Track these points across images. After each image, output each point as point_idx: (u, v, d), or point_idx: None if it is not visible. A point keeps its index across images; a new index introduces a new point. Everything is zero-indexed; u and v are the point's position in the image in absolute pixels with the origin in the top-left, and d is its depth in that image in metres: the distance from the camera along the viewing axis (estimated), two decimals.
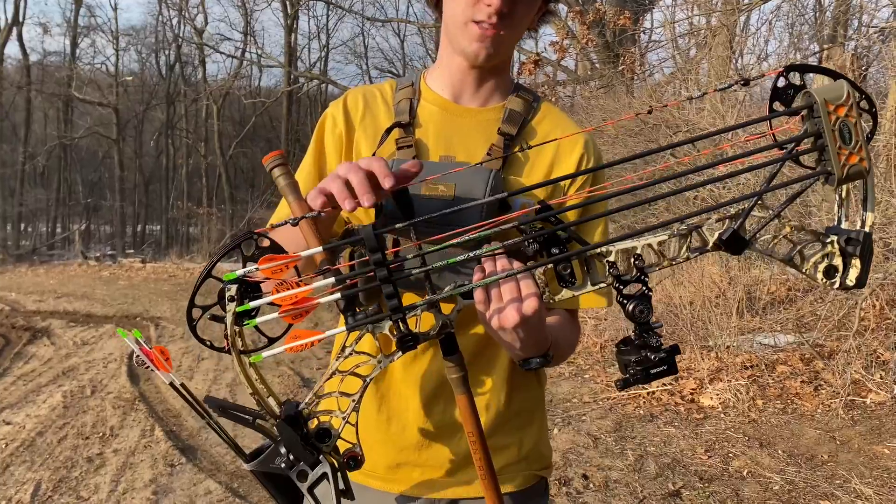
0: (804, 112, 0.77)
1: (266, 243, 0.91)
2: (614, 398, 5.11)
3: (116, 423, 4.79)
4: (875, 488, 3.52)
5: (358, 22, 30.30)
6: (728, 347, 5.44)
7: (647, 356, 0.83)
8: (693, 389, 5.02)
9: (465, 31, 1.19)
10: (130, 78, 31.01)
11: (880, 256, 5.28)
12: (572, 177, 1.28)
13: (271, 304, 0.85)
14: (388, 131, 1.25)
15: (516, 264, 0.93)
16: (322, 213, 0.95)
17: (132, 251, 25.14)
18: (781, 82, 0.78)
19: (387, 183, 0.95)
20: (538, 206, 0.88)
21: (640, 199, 0.86)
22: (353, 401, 0.90)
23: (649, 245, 0.82)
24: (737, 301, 5.74)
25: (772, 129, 0.80)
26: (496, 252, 0.93)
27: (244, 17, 27.69)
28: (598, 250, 0.84)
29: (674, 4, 11.24)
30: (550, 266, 0.86)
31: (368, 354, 0.92)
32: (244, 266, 0.89)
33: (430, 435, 1.24)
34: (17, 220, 28.76)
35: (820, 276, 0.79)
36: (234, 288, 0.88)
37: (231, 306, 0.88)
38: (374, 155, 1.23)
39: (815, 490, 3.57)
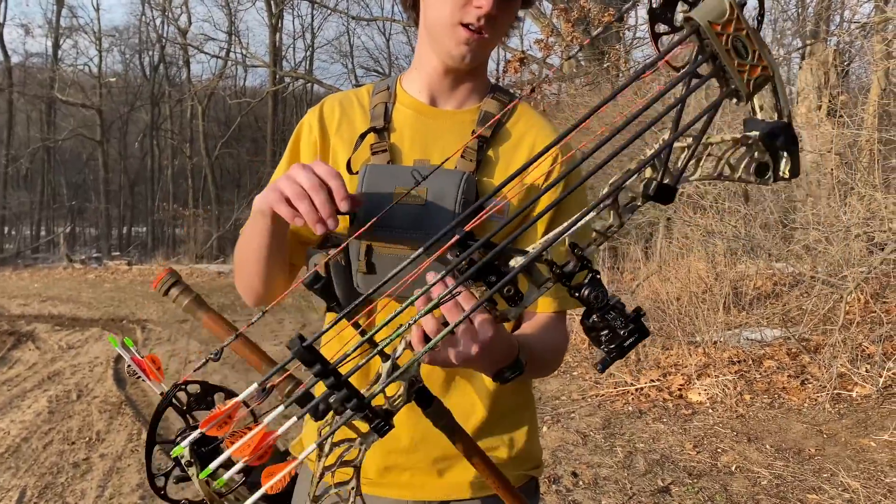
0: (692, 39, 0.73)
1: (196, 388, 0.93)
2: (603, 395, 5.13)
3: (103, 428, 4.75)
4: (862, 481, 3.54)
5: (343, 21, 30.19)
6: (715, 343, 5.46)
7: (616, 332, 0.82)
8: (681, 385, 5.03)
9: (453, 33, 1.18)
10: (114, 79, 30.79)
11: (865, 250, 5.32)
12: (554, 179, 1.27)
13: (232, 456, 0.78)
14: (363, 136, 1.24)
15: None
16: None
17: (118, 253, 24.98)
18: (656, 2, 0.75)
19: (343, 206, 0.99)
20: (460, 235, 0.79)
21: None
22: (353, 489, 0.82)
23: (595, 231, 0.78)
24: (723, 296, 5.77)
25: (665, 59, 0.76)
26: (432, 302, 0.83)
27: (228, 16, 27.58)
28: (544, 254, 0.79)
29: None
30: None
31: (348, 440, 0.83)
32: (185, 418, 0.93)
33: (418, 437, 1.23)
34: (1, 224, 28.50)
35: (753, 177, 0.77)
36: (186, 453, 0.86)
37: (193, 471, 0.86)
38: (349, 161, 1.23)
39: (803, 484, 3.59)
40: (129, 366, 1.63)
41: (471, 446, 1.00)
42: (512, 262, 0.74)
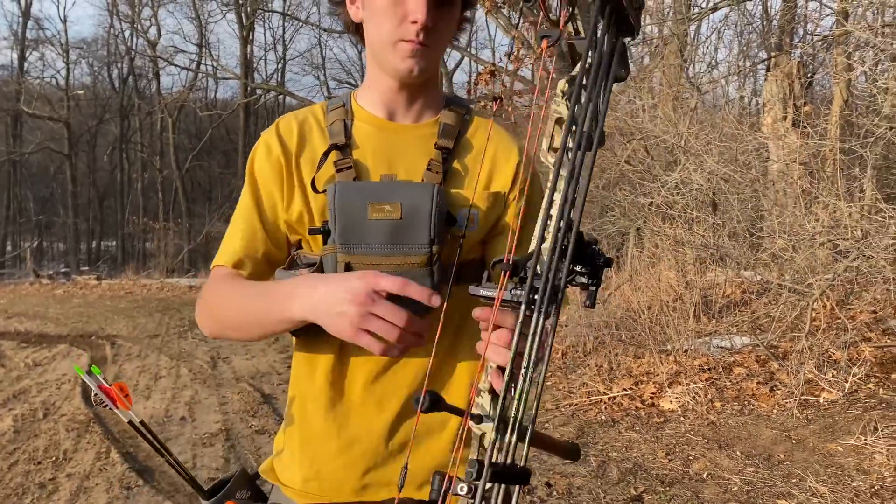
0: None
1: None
2: (576, 404, 5.15)
3: (70, 447, 4.66)
4: (829, 486, 3.60)
5: (315, 33, 30.17)
6: (686, 351, 5.53)
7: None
8: (653, 393, 5.08)
9: (395, 50, 1.20)
10: (82, 92, 30.40)
11: (829, 258, 5.43)
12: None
13: None
14: (326, 154, 1.23)
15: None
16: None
17: (87, 268, 24.57)
18: None
19: (434, 301, 0.98)
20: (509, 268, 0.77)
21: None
22: None
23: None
24: (693, 305, 5.84)
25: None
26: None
27: (198, 28, 27.42)
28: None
29: None
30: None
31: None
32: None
33: (396, 453, 1.24)
34: None
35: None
36: None
37: None
38: (313, 180, 1.22)
39: (773, 489, 3.64)
40: (95, 394, 1.60)
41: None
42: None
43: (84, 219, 30.65)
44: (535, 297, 0.68)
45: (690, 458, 4.13)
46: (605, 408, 5.04)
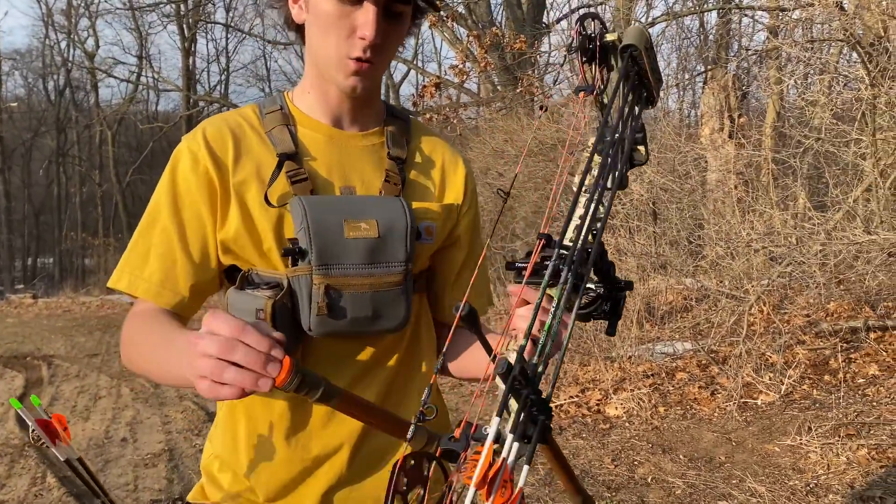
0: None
1: None
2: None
3: (3, 472, 4.48)
4: (767, 485, 3.71)
5: (259, 45, 29.88)
6: (630, 357, 5.63)
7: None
8: (599, 400, 5.16)
9: (341, 67, 1.13)
10: (15, 104, 29.42)
11: (764, 264, 5.61)
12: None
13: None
14: (280, 166, 1.13)
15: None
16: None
17: (22, 286, 23.69)
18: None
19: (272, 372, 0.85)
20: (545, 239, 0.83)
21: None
22: None
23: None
24: (636, 312, 5.96)
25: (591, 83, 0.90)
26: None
27: (138, 40, 26.85)
28: None
29: (569, 28, 11.66)
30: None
31: None
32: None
33: (361, 472, 1.22)
34: None
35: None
36: None
37: None
38: (266, 197, 1.12)
39: (714, 491, 3.73)
40: (33, 430, 1.54)
41: None
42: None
43: (19, 235, 29.62)
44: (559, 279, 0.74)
45: (635, 463, 4.20)
46: (553, 415, 5.09)
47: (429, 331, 1.32)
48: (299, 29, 1.21)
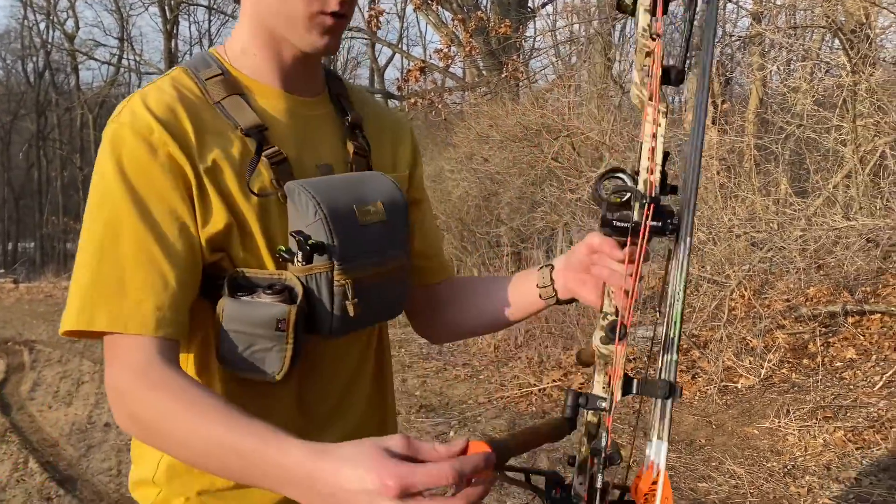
0: None
1: None
2: (507, 397, 5.24)
3: None
4: (746, 467, 3.77)
5: None
6: None
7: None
8: (581, 384, 5.20)
9: (314, 24, 0.98)
10: None
11: (746, 250, 5.67)
12: None
13: None
14: (260, 146, 0.98)
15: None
16: None
17: (2, 271, 23.45)
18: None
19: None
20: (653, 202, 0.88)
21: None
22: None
23: None
24: None
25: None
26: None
27: (119, 22, 26.51)
28: None
29: (554, 13, 11.65)
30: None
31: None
32: None
33: None
34: None
35: None
36: None
37: None
38: (248, 182, 0.96)
39: (694, 473, 3.79)
40: None
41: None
42: None
43: None
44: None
45: (618, 445, 4.25)
46: (536, 399, 5.14)
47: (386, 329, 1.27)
48: None
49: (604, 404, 0.99)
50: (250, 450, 0.79)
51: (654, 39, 0.91)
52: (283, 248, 0.96)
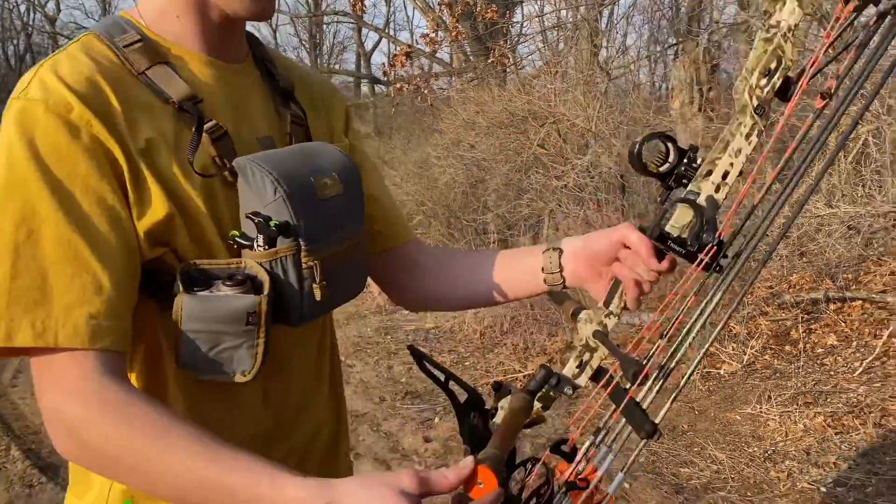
0: None
1: None
2: (493, 383, 5.26)
3: None
4: (728, 453, 3.81)
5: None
6: None
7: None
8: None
9: None
10: None
11: (730, 236, 5.69)
12: None
13: None
14: (200, 121, 0.86)
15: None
16: None
17: None
18: None
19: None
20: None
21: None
22: None
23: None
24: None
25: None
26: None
27: (101, 4, 26.14)
28: None
29: None
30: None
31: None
32: None
33: None
34: None
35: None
36: None
37: None
38: (191, 162, 0.85)
39: (676, 458, 3.83)
40: None
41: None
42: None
43: None
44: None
45: (600, 431, 4.28)
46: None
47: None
48: None
49: (569, 391, 1.00)
50: (239, 487, 0.73)
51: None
52: (237, 232, 0.87)
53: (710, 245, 0.87)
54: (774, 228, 5.22)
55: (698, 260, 0.87)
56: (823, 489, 3.35)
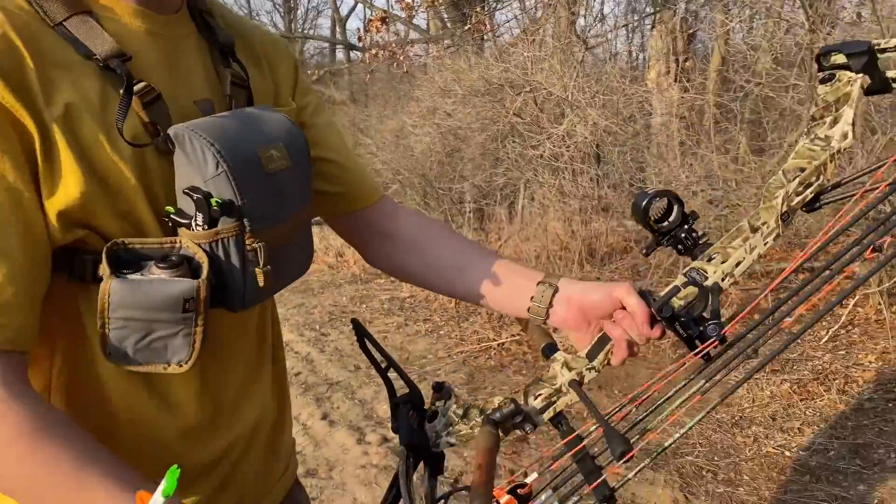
0: None
1: None
2: (467, 351, 5.30)
3: None
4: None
5: None
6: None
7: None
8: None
9: None
10: None
11: (703, 207, 5.75)
12: None
13: None
14: (129, 85, 0.74)
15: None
16: None
17: None
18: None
19: None
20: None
21: None
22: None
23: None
24: (577, 253, 6.08)
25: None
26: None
27: None
28: None
29: None
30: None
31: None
32: None
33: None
34: None
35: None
36: None
37: None
38: (120, 129, 0.74)
39: (644, 423, 3.90)
40: None
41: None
42: None
43: None
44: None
45: (572, 400, 4.34)
46: (495, 353, 5.21)
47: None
48: None
49: (530, 429, 0.98)
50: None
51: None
52: (172, 209, 0.78)
53: (713, 339, 0.92)
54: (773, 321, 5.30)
55: (699, 350, 0.90)
56: (788, 453, 3.45)
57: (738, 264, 0.90)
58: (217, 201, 0.75)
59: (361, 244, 1.19)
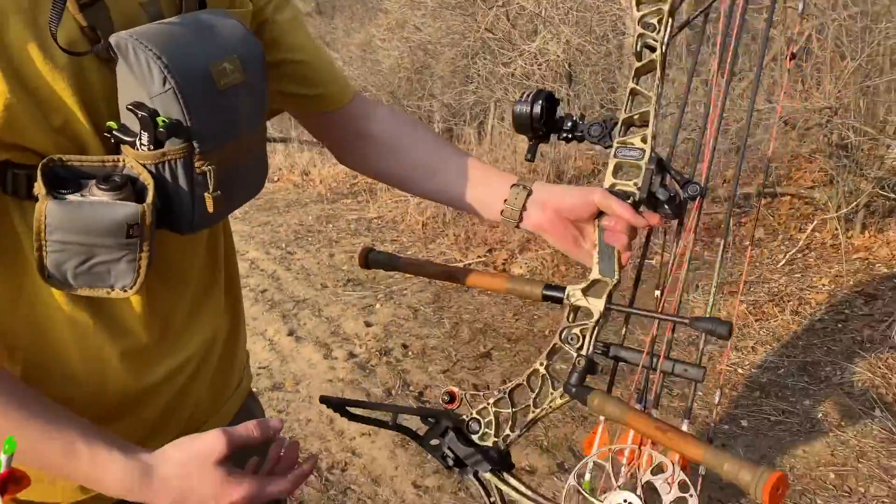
0: None
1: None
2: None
3: None
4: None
5: None
6: None
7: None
8: (505, 260, 5.34)
9: None
10: None
11: (673, 129, 5.76)
12: None
13: None
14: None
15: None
16: None
17: None
18: None
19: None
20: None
21: None
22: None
23: None
24: (545, 176, 6.08)
25: None
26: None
27: None
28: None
29: None
30: None
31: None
32: None
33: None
34: None
35: None
36: None
37: None
38: (53, 34, 0.65)
39: (602, 340, 4.01)
40: None
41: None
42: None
43: None
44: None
45: (535, 317, 4.43)
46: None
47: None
48: None
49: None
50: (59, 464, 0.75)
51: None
52: (115, 124, 0.71)
53: (698, 194, 0.96)
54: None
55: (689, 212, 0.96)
56: (741, 370, 3.59)
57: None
58: (164, 121, 0.69)
59: (334, 145, 1.16)
